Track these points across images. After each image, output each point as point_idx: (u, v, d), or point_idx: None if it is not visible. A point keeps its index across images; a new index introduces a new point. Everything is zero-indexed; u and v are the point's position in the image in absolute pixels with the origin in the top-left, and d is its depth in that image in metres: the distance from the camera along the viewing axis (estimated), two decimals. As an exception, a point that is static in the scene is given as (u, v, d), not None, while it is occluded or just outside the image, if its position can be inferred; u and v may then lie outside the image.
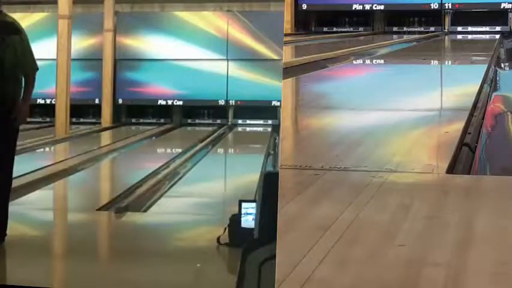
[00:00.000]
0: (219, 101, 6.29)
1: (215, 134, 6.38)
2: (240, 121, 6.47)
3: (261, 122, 6.44)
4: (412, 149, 6.77)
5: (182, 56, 5.90)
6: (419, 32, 22.35)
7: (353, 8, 22.89)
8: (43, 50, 6.28)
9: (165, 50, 5.81)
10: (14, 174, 5.47)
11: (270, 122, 6.38)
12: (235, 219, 3.83)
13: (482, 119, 8.46)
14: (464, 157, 6.41)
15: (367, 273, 3.44)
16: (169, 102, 6.08)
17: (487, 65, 13.20)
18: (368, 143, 6.96)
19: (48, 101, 6.40)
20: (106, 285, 3.90)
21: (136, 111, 6.31)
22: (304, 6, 22.96)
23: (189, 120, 6.50)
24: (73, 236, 4.82)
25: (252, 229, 3.46)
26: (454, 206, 4.70)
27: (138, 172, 5.11)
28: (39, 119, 6.56)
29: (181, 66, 5.97)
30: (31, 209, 5.18)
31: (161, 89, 5.99)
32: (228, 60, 6.18)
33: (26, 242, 4.46)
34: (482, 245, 3.89)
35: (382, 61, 16.35)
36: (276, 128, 6.46)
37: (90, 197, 5.47)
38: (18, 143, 6.26)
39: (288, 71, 11.27)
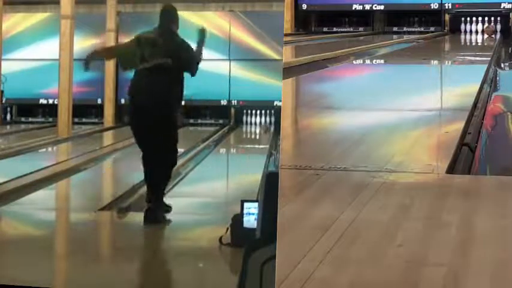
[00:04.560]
0: (221, 101, 6.31)
1: (217, 134, 6.39)
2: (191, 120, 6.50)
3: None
4: (412, 149, 6.79)
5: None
6: (420, 32, 22.35)
7: (353, 8, 22.89)
8: (45, 50, 6.32)
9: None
10: (16, 175, 5.49)
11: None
12: (238, 219, 3.84)
13: (482, 119, 8.47)
14: (464, 157, 6.43)
15: (367, 273, 3.46)
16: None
17: (486, 65, 13.22)
18: (368, 143, 6.98)
19: (50, 101, 6.42)
20: (107, 286, 3.92)
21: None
22: (304, 6, 22.96)
23: (191, 120, 6.51)
24: (75, 236, 4.84)
25: (254, 229, 3.47)
26: (454, 206, 4.72)
27: (140, 172, 5.11)
28: (42, 119, 6.57)
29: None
30: (33, 209, 5.19)
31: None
32: (230, 60, 6.19)
33: (28, 242, 4.46)
34: (482, 244, 3.91)
35: (382, 61, 16.37)
36: (277, 128, 6.49)
37: (92, 197, 5.48)
38: (19, 143, 6.29)
39: (288, 71, 11.30)
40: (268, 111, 6.67)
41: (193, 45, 4.69)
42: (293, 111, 9.18)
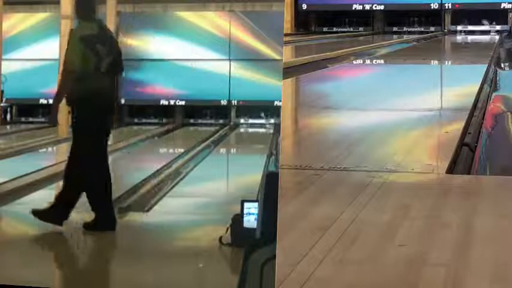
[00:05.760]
0: (221, 101, 6.30)
1: (217, 134, 6.39)
2: (242, 120, 6.51)
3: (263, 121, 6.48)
4: (412, 149, 6.80)
5: (184, 56, 5.91)
6: (420, 32, 22.38)
7: (353, 8, 22.94)
8: (45, 50, 6.30)
9: (167, 50, 5.83)
10: (16, 175, 5.48)
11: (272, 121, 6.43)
12: (238, 219, 3.84)
13: (482, 119, 8.48)
14: (464, 157, 6.44)
15: (367, 273, 3.46)
16: (172, 102, 6.09)
17: (486, 65, 13.25)
18: (368, 143, 6.98)
19: (50, 101, 6.41)
20: (107, 286, 3.92)
21: (138, 111, 6.34)
22: (304, 6, 23.00)
23: (191, 120, 6.50)
24: (75, 236, 4.84)
25: (254, 229, 3.47)
26: (453, 206, 4.72)
27: (140, 172, 5.11)
28: (42, 119, 6.56)
29: (184, 66, 5.96)
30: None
31: (163, 89, 5.99)
32: (230, 60, 6.18)
33: (28, 242, 4.46)
34: (482, 244, 3.91)
35: (382, 61, 16.38)
36: (277, 128, 6.49)
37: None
38: (19, 143, 6.28)
39: (288, 71, 11.31)
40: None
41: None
42: (293, 111, 9.19)
